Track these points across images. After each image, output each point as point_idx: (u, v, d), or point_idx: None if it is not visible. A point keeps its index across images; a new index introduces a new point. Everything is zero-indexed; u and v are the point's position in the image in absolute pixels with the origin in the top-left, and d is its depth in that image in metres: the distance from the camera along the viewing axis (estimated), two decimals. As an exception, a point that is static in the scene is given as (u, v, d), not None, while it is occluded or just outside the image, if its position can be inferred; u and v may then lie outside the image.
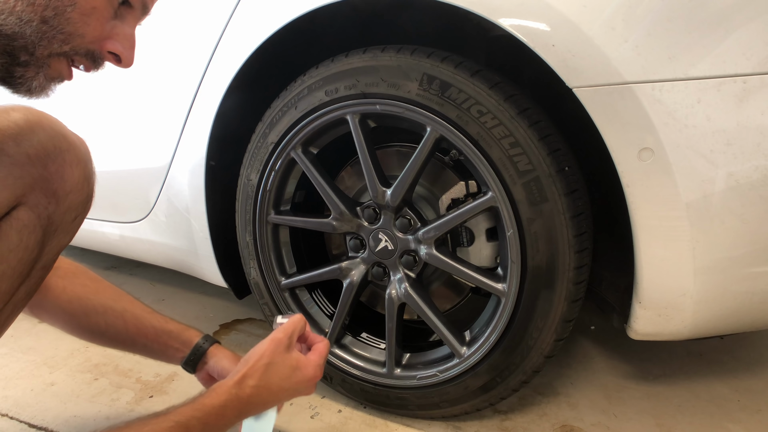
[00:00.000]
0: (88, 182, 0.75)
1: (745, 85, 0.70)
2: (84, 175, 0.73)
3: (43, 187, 0.68)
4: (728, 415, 1.09)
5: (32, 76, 0.62)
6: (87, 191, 0.75)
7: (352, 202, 1.08)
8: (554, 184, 0.84)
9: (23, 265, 0.71)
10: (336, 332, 1.13)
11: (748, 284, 0.80)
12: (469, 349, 0.99)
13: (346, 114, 0.99)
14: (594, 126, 0.78)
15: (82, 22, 0.61)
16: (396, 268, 1.06)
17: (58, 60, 0.63)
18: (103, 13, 0.63)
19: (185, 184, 1.21)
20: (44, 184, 0.68)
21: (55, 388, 1.24)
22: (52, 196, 0.69)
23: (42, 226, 0.71)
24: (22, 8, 0.56)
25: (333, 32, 1.06)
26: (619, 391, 1.19)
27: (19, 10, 0.55)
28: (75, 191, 0.72)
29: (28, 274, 0.73)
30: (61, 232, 0.75)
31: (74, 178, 0.71)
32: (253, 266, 1.19)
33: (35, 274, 0.75)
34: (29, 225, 0.69)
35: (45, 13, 0.57)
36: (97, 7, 0.62)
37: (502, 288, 0.94)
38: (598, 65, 0.75)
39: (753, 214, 0.75)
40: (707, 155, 0.73)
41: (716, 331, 0.89)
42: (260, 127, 1.09)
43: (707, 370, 1.26)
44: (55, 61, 0.62)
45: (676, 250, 0.79)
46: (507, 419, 1.09)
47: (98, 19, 0.62)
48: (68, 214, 0.74)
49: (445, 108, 0.89)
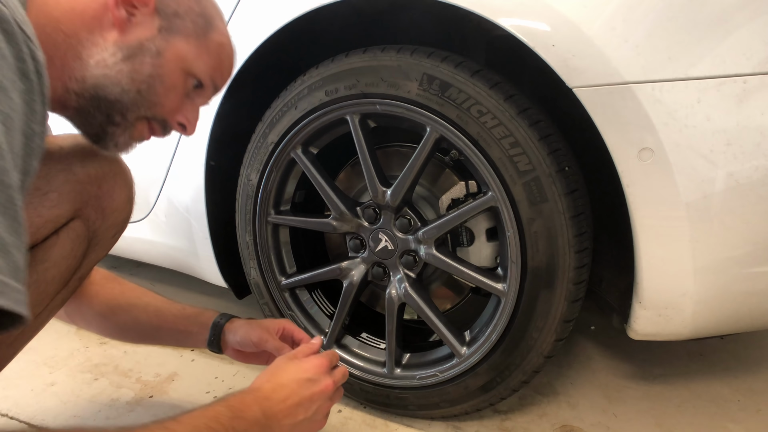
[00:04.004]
0: (130, 204, 0.88)
1: (745, 85, 0.70)
2: (128, 197, 0.87)
3: (96, 204, 0.81)
4: (728, 415, 1.09)
5: (120, 134, 0.73)
6: (128, 211, 0.88)
7: (352, 202, 1.08)
8: (554, 184, 0.84)
9: (68, 273, 0.80)
10: (336, 332, 1.13)
11: (748, 284, 0.80)
12: (469, 349, 0.99)
13: (346, 114, 0.99)
14: (594, 126, 0.78)
15: (165, 95, 0.73)
16: (396, 268, 1.06)
17: (141, 123, 0.75)
18: (180, 90, 0.75)
19: (185, 184, 1.21)
20: (97, 202, 0.81)
21: (55, 388, 1.24)
22: (101, 212, 0.82)
23: (88, 239, 0.82)
24: (126, 81, 0.68)
25: (333, 32, 1.06)
26: (619, 391, 1.19)
27: (123, 83, 0.68)
28: (119, 210, 0.85)
29: (67, 282, 0.82)
30: (101, 247, 0.86)
31: (121, 199, 0.84)
32: (253, 266, 1.19)
33: (72, 283, 0.85)
34: (81, 236, 0.80)
35: (141, 86, 0.70)
36: (177, 85, 0.74)
37: (502, 288, 0.94)
38: (598, 65, 0.75)
39: (753, 214, 0.75)
40: (707, 155, 0.73)
41: (716, 331, 0.89)
42: (260, 127, 1.09)
43: (707, 370, 1.26)
44: (140, 124, 0.74)
45: (676, 250, 0.79)
46: (507, 419, 1.09)
47: (176, 94, 0.75)
48: (110, 230, 0.86)
49: (445, 108, 0.89)
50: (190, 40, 0.73)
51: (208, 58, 0.76)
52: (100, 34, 0.67)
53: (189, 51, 0.73)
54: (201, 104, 0.81)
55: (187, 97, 0.78)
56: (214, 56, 0.77)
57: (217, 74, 0.79)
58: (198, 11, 0.74)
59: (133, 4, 0.69)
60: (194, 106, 0.80)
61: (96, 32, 0.67)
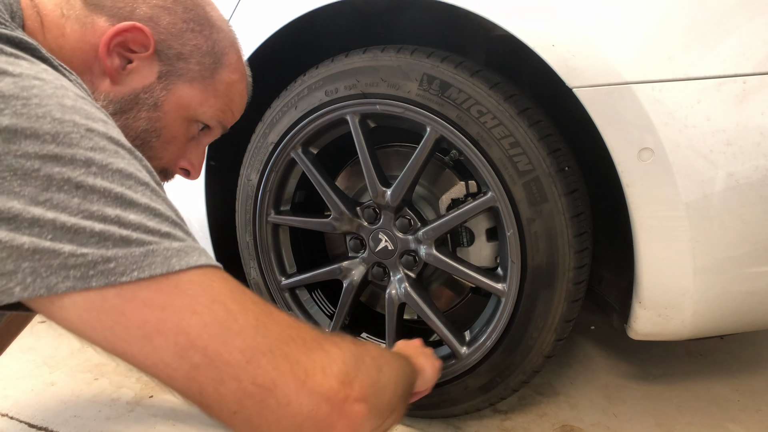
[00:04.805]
0: None
1: (745, 85, 0.70)
2: None
3: None
4: (728, 415, 1.09)
5: None
6: None
7: (352, 202, 1.08)
8: (554, 184, 0.84)
9: None
10: (336, 332, 1.13)
11: (748, 284, 0.80)
12: (469, 349, 0.99)
13: (346, 114, 0.99)
14: (594, 126, 0.78)
15: (163, 149, 0.67)
16: (396, 268, 1.06)
17: None
18: (181, 139, 0.69)
19: (185, 184, 1.21)
20: None
21: (55, 388, 1.24)
22: None
23: None
24: None
25: (333, 32, 1.06)
26: (619, 391, 1.18)
27: None
28: None
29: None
30: None
31: None
32: (253, 266, 1.19)
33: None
34: None
35: (134, 142, 0.62)
36: (177, 136, 0.68)
37: (502, 288, 0.94)
38: (598, 65, 0.75)
39: (753, 214, 0.75)
40: (707, 155, 0.73)
41: (716, 331, 0.89)
42: (260, 127, 1.09)
43: (707, 370, 1.26)
44: None
45: (676, 250, 0.79)
46: (507, 419, 1.09)
47: (177, 145, 0.69)
48: None
49: (445, 108, 0.89)
50: (195, 84, 0.66)
51: (215, 101, 0.69)
52: (90, 81, 0.60)
53: (193, 97, 0.66)
54: (207, 143, 0.76)
55: (192, 140, 0.72)
56: (222, 97, 0.70)
57: (227, 115, 0.73)
58: (206, 49, 0.67)
59: (129, 47, 0.61)
60: (200, 149, 0.74)
61: (86, 79, 0.60)
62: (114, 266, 0.41)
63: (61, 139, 0.42)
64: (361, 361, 0.51)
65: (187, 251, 0.45)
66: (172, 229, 0.46)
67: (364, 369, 0.50)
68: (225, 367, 0.43)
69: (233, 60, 0.70)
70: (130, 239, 0.42)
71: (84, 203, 0.42)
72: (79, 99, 0.46)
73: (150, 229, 0.44)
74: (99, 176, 0.43)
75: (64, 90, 0.45)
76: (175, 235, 0.46)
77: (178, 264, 0.44)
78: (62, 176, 0.41)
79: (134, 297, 0.42)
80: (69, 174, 0.42)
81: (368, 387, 0.49)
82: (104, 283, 0.41)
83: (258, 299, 0.49)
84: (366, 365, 0.51)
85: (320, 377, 0.45)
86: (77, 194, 0.42)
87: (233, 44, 0.71)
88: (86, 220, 0.41)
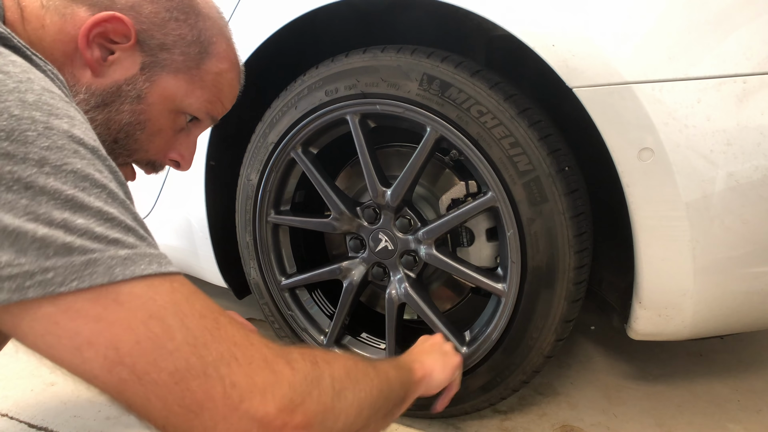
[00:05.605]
0: None
1: (745, 85, 0.70)
2: None
3: None
4: (728, 415, 1.09)
5: None
6: None
7: (352, 202, 1.08)
8: (554, 184, 0.84)
9: None
10: (336, 332, 1.13)
11: (748, 284, 0.80)
12: (469, 349, 0.99)
13: (346, 114, 0.99)
14: (594, 126, 0.78)
15: (148, 141, 0.66)
16: (396, 268, 1.06)
17: (123, 168, 0.68)
18: (168, 132, 0.67)
19: (185, 184, 1.21)
20: None
21: (55, 388, 1.24)
22: None
23: None
24: (100, 131, 0.61)
25: (333, 32, 1.06)
26: (619, 391, 1.18)
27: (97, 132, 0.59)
28: None
29: None
30: None
31: None
32: (253, 266, 1.19)
33: None
34: None
35: (118, 135, 0.62)
36: (163, 129, 0.66)
37: (502, 288, 0.94)
38: (598, 65, 0.75)
39: (753, 214, 0.75)
40: (707, 155, 0.73)
41: (716, 331, 0.89)
42: (260, 127, 1.09)
43: (707, 370, 1.26)
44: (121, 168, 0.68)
45: (676, 250, 0.79)
46: (507, 419, 1.09)
47: (163, 137, 0.67)
48: None
49: (445, 108, 0.89)
50: (180, 75, 0.64)
51: (202, 92, 0.67)
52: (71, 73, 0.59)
53: (178, 88, 0.64)
54: (199, 134, 0.74)
55: (181, 131, 0.70)
56: (209, 88, 0.68)
57: (215, 106, 0.70)
58: (191, 39, 0.64)
59: (109, 38, 0.59)
60: (190, 140, 0.72)
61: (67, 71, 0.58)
62: (52, 276, 0.40)
63: (16, 136, 0.40)
64: (315, 385, 0.48)
65: (135, 259, 0.43)
66: (122, 235, 0.44)
67: (315, 394, 0.47)
68: (152, 386, 0.42)
69: (221, 49, 0.68)
70: (72, 246, 0.41)
71: (32, 204, 0.40)
72: (45, 93, 0.44)
73: (96, 235, 0.42)
74: (51, 176, 0.41)
75: (28, 84, 0.43)
76: (124, 241, 0.44)
77: (121, 274, 0.42)
78: (12, 175, 0.39)
79: (69, 307, 0.41)
80: (20, 173, 0.40)
81: (316, 414, 0.47)
82: (41, 294, 0.40)
83: (209, 312, 0.46)
84: (321, 389, 0.48)
85: (257, 401, 0.44)
86: (26, 195, 0.40)
87: (222, 32, 0.69)
88: (30, 223, 0.39)
